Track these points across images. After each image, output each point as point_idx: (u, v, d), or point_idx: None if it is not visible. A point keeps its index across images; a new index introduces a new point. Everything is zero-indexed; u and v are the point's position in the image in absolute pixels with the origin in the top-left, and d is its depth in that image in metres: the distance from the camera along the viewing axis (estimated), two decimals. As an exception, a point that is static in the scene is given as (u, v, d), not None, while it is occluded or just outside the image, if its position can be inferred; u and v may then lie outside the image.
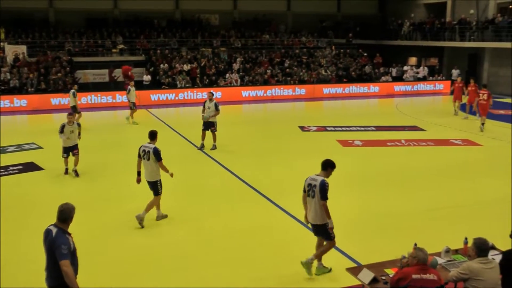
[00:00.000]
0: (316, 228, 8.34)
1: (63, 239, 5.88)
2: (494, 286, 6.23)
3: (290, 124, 22.34)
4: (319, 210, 8.09)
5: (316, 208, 8.12)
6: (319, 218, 8.16)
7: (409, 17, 41.27)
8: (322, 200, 8.01)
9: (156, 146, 10.56)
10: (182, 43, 35.98)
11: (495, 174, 14.84)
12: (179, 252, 9.48)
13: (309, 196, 8.22)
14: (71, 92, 21.99)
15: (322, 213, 8.10)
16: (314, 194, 8.10)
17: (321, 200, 8.01)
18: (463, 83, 25.85)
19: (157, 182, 10.62)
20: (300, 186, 13.24)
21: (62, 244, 5.82)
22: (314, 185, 8.15)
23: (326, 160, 8.56)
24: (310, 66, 35.75)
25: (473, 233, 7.06)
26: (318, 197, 8.05)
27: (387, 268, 7.05)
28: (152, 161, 10.43)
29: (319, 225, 8.24)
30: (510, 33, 32.29)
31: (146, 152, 10.48)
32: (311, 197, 8.18)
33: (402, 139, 19.47)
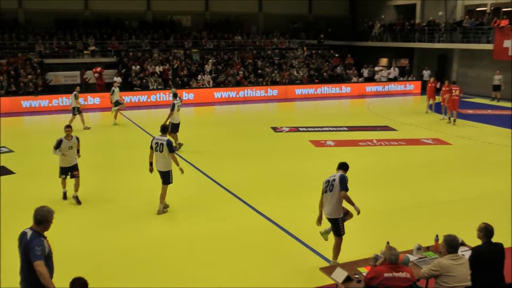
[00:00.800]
0: (330, 221, 8.66)
1: (37, 241, 5.82)
2: (464, 281, 6.38)
3: (263, 125, 22.39)
4: (336, 204, 8.49)
5: (333, 202, 8.51)
6: (334, 212, 8.54)
7: (379, 18, 41.72)
8: (343, 191, 8.38)
9: (169, 139, 11.37)
10: (154, 45, 35.75)
11: (464, 173, 15.12)
12: (156, 252, 9.45)
13: (327, 192, 8.60)
14: (73, 94, 21.82)
15: (337, 207, 8.51)
16: (333, 188, 8.49)
17: (341, 191, 8.38)
18: (435, 83, 26.34)
19: (169, 172, 11.35)
20: (273, 186, 13.37)
21: (36, 246, 5.77)
22: (333, 179, 8.57)
23: (343, 163, 8.96)
24: (282, 67, 35.88)
25: (444, 230, 7.18)
26: (337, 190, 8.41)
27: (360, 267, 7.14)
28: (165, 153, 11.14)
29: (332, 219, 8.59)
30: (477, 35, 33.02)
31: (159, 145, 11.18)
32: (329, 192, 8.56)
33: (374, 139, 19.68)
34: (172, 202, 12.31)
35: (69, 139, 11.94)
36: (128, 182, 13.87)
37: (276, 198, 12.63)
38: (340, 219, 8.57)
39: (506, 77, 31.22)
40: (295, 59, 37.27)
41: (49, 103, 27.30)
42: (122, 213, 11.51)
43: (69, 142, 11.98)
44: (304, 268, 8.74)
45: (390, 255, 6.25)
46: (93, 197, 12.55)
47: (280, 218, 11.11)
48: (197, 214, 11.61)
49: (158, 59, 33.65)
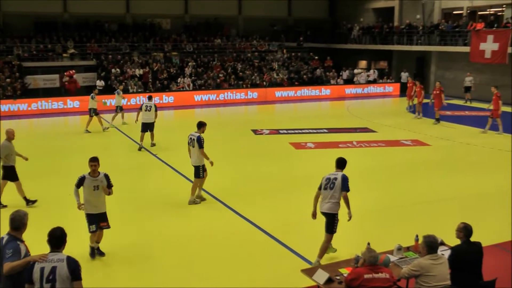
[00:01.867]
0: (327, 216, 8.84)
1: (11, 245, 5.74)
2: (443, 281, 6.47)
3: (243, 128, 22.42)
4: (336, 202, 8.74)
5: (332, 199, 8.74)
6: (333, 208, 8.75)
7: (358, 21, 42.01)
8: (344, 191, 8.63)
9: (201, 135, 11.90)
10: (133, 48, 35.60)
11: (443, 173, 15.29)
12: (139, 252, 9.41)
13: (326, 189, 8.77)
14: (90, 95, 22.11)
15: (337, 204, 8.76)
16: (334, 186, 8.70)
17: (342, 192, 8.63)
18: (413, 83, 26.71)
19: (199, 167, 11.96)
20: (253, 189, 13.40)
21: (7, 249, 5.68)
22: (334, 178, 8.77)
23: (340, 158, 9.21)
24: (262, 70, 35.95)
25: (423, 230, 7.27)
26: (339, 188, 8.64)
27: (341, 268, 7.17)
28: (196, 148, 11.75)
29: (330, 214, 8.77)
30: (454, 38, 33.53)
31: (192, 140, 11.92)
32: (329, 189, 8.74)
33: (354, 140, 19.81)
34: (148, 204, 12.33)
35: (95, 176, 8.94)
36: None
37: (256, 200, 12.66)
38: (337, 215, 8.76)
39: (483, 78, 31.71)
40: (275, 62, 37.37)
41: (28, 107, 27.05)
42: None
43: (95, 180, 8.94)
44: (285, 269, 8.76)
45: (370, 257, 6.32)
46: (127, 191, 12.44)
47: (260, 220, 11.13)
48: (176, 215, 11.60)
49: (138, 62, 33.51)
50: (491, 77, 31.81)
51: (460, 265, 6.81)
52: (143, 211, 11.97)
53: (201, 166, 12.03)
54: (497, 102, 21.10)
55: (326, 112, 30.07)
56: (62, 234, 5.70)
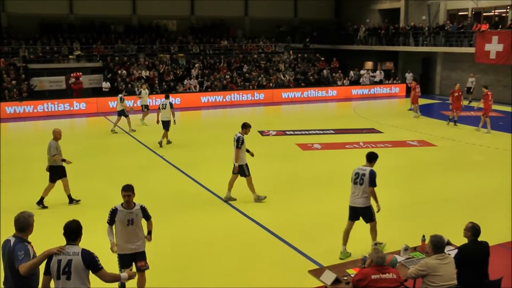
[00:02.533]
0: (359, 210, 9.20)
1: (20, 247, 5.75)
2: (450, 280, 6.52)
3: (250, 129, 22.41)
4: (366, 196, 9.09)
5: (363, 194, 9.09)
6: (364, 202, 9.13)
7: (364, 22, 42.01)
8: (371, 186, 9.00)
9: (241, 136, 12.21)
10: (140, 49, 35.72)
11: (449, 173, 15.31)
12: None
13: (356, 184, 9.15)
14: (119, 97, 22.22)
15: (367, 198, 9.11)
16: (363, 182, 9.07)
17: (369, 187, 9.00)
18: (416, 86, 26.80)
19: (242, 166, 12.20)
20: (260, 190, 13.46)
21: (19, 251, 5.68)
22: (362, 173, 9.15)
23: (371, 153, 9.65)
24: (268, 71, 36.01)
25: (430, 230, 7.31)
26: (366, 184, 9.01)
27: (348, 269, 7.20)
28: (235, 148, 12.11)
29: (364, 208, 9.15)
30: (459, 39, 33.57)
31: (235, 140, 12.13)
32: (358, 184, 9.12)
33: (360, 141, 19.84)
34: (159, 205, 12.38)
35: (129, 208, 7.40)
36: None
37: (264, 201, 12.70)
38: (371, 206, 9.15)
39: (488, 79, 31.73)
40: (281, 63, 37.42)
41: (33, 109, 27.21)
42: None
43: (129, 213, 7.38)
44: (292, 270, 8.82)
45: (377, 258, 6.36)
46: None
47: (267, 221, 11.19)
48: (186, 217, 11.67)
49: (144, 64, 33.63)
50: (496, 78, 31.86)
51: (466, 264, 6.85)
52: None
53: (244, 164, 12.27)
54: (488, 100, 21.66)
55: (333, 113, 30.11)
56: (78, 226, 5.84)
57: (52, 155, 11.87)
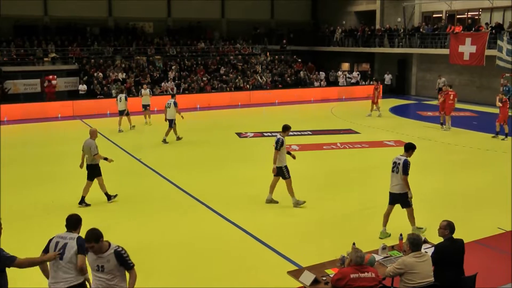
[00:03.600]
0: (396, 196, 10.10)
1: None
2: (427, 278, 6.64)
3: (227, 131, 22.47)
4: (402, 183, 9.90)
5: (398, 181, 9.93)
6: (401, 188, 9.95)
7: (340, 24, 42.30)
8: (404, 175, 9.82)
9: (281, 138, 12.27)
10: (116, 52, 35.47)
11: (425, 173, 15.48)
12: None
13: (393, 172, 10.05)
14: (124, 97, 23.17)
15: (403, 185, 9.89)
16: (398, 170, 9.92)
17: (402, 175, 9.81)
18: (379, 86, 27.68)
19: (282, 168, 12.13)
20: (239, 192, 13.51)
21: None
22: (398, 163, 9.98)
23: (408, 143, 10.43)
24: (245, 73, 36.05)
25: (407, 229, 7.43)
26: (400, 172, 9.82)
27: (327, 269, 7.25)
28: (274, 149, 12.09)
29: (400, 194, 10.00)
30: (434, 40, 34.06)
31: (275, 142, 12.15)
32: (395, 173, 10.02)
33: (338, 142, 19.99)
34: (134, 209, 12.34)
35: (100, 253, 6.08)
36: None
37: (242, 203, 12.72)
38: (408, 192, 9.91)
39: (462, 80, 32.23)
40: (258, 65, 37.50)
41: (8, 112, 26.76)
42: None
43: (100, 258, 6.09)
44: (272, 272, 8.84)
45: (356, 257, 6.43)
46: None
47: (246, 223, 11.20)
48: (163, 221, 11.64)
49: (121, 66, 33.42)
50: (470, 79, 32.39)
51: (443, 262, 6.98)
52: (128, 216, 12.02)
53: (283, 167, 12.19)
54: (448, 99, 22.19)
55: (310, 114, 30.19)
56: (78, 218, 6.62)
57: (94, 154, 12.26)
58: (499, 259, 9.46)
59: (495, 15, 32.20)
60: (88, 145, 12.31)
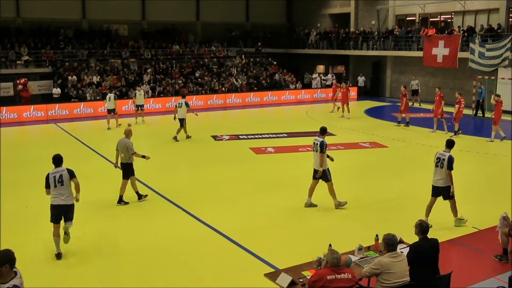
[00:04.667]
0: (440, 189, 10.84)
1: None
2: (403, 277, 6.70)
3: (203, 134, 22.38)
4: (445, 177, 10.62)
5: (443, 175, 10.64)
6: (446, 182, 10.67)
7: (315, 26, 42.54)
8: (448, 170, 10.54)
9: (324, 140, 12.25)
10: (90, 54, 35.09)
11: (400, 173, 15.67)
12: (94, 261, 9.36)
13: (437, 167, 10.75)
14: (113, 96, 24.65)
15: (447, 179, 10.62)
16: (442, 165, 10.63)
17: (447, 170, 10.53)
18: (346, 88, 27.81)
19: (325, 171, 12.17)
20: (214, 194, 13.49)
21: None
22: (442, 159, 10.66)
23: (450, 140, 11.12)
24: (221, 76, 36.01)
25: (383, 229, 7.47)
26: (445, 168, 10.54)
27: (304, 271, 7.26)
28: (318, 152, 12.09)
29: (444, 187, 10.73)
30: (408, 43, 34.50)
31: (315, 144, 12.29)
32: (439, 168, 10.72)
33: (313, 144, 20.02)
34: (109, 211, 12.24)
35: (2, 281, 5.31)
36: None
37: (218, 206, 12.70)
38: (451, 187, 10.61)
39: (436, 82, 32.64)
40: (234, 68, 37.49)
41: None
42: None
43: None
44: (249, 274, 8.84)
45: (332, 258, 6.45)
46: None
47: (222, 225, 11.18)
48: (138, 224, 11.57)
49: (95, 69, 33.10)
50: (443, 80, 32.79)
51: (418, 261, 7.06)
52: (100, 215, 12.01)
53: (326, 169, 12.24)
54: (439, 102, 22.16)
55: (286, 116, 30.29)
56: (60, 157, 9.92)
57: (132, 153, 12.66)
58: (474, 257, 9.61)
59: (467, 19, 32.74)
60: (124, 144, 12.69)
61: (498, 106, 20.67)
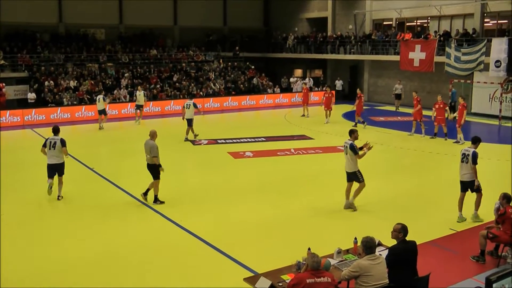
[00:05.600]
0: (466, 184, 11.51)
1: None
2: (382, 280, 6.74)
3: (181, 139, 22.30)
4: (471, 172, 11.36)
5: (468, 170, 11.38)
6: (471, 176, 11.38)
7: (293, 31, 42.72)
8: (473, 165, 11.29)
9: (353, 142, 12.36)
10: (67, 59, 34.72)
11: (378, 176, 15.74)
12: (70, 264, 9.25)
13: (463, 162, 11.50)
14: (102, 97, 25.70)
15: (472, 174, 11.34)
16: (468, 161, 11.37)
17: (472, 165, 11.28)
18: (331, 93, 27.74)
19: (355, 172, 12.40)
20: (193, 199, 13.44)
21: None
22: (467, 154, 11.43)
23: (476, 137, 11.79)
24: (199, 80, 35.92)
25: (362, 232, 7.51)
26: (470, 162, 11.30)
27: (283, 275, 7.27)
28: (350, 155, 12.27)
29: (470, 181, 11.43)
30: (385, 47, 34.83)
31: (345, 147, 12.51)
32: (464, 163, 11.46)
33: (292, 148, 20.10)
34: (93, 217, 12.13)
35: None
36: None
37: (196, 211, 12.65)
38: (476, 180, 11.32)
39: (413, 86, 33.01)
40: (212, 72, 37.44)
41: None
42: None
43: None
44: (228, 279, 8.81)
45: (313, 262, 6.46)
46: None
47: (200, 230, 11.12)
48: (114, 227, 11.49)
49: (73, 74, 32.78)
50: (420, 84, 33.14)
51: (396, 263, 7.11)
52: (77, 221, 11.89)
53: (357, 171, 12.41)
54: (417, 106, 22.42)
55: (264, 120, 30.34)
56: (58, 128, 13.28)
57: (153, 156, 12.87)
58: (451, 259, 9.71)
59: (443, 23, 33.13)
60: (149, 146, 12.97)
61: (461, 109, 20.74)
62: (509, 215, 9.21)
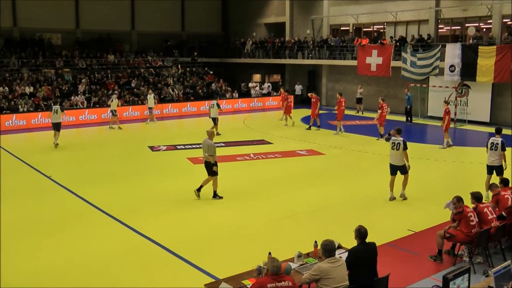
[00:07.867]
0: (496, 168, 13.34)
1: None
2: (342, 282, 6.80)
3: (140, 145, 22.09)
4: (500, 157, 13.21)
5: (498, 156, 13.24)
6: (500, 161, 13.25)
7: (251, 36, 42.85)
8: (502, 151, 13.19)
9: (404, 139, 13.28)
10: (22, 64, 33.98)
11: (337, 180, 15.94)
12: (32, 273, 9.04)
13: (492, 150, 13.33)
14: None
15: (500, 159, 13.23)
16: (497, 148, 13.24)
17: (501, 151, 13.19)
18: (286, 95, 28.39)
19: (404, 165, 13.47)
20: (152, 206, 13.31)
21: None
22: (496, 143, 13.25)
23: (499, 127, 13.79)
24: (157, 86, 35.66)
25: (322, 236, 7.56)
26: (499, 150, 13.18)
27: (244, 280, 7.28)
28: (401, 150, 13.24)
29: (499, 166, 13.28)
30: (342, 52, 35.30)
31: (396, 144, 13.32)
32: (494, 150, 13.30)
33: (251, 153, 20.14)
34: (48, 229, 11.89)
35: None
36: None
37: (156, 217, 12.54)
38: (503, 164, 13.22)
39: (370, 90, 33.53)
40: (170, 77, 37.22)
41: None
42: None
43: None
44: (189, 285, 8.76)
45: (273, 266, 6.46)
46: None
47: (160, 236, 11.04)
48: (72, 236, 11.28)
49: (28, 79, 32.09)
50: (377, 89, 33.70)
51: (357, 265, 7.20)
52: (36, 231, 11.59)
53: (404, 164, 13.47)
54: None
55: (223, 126, 30.19)
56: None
57: (210, 154, 13.56)
58: (410, 259, 9.88)
59: (398, 29, 33.79)
60: (206, 145, 13.71)
61: (445, 114, 21.03)
62: (466, 213, 9.44)
